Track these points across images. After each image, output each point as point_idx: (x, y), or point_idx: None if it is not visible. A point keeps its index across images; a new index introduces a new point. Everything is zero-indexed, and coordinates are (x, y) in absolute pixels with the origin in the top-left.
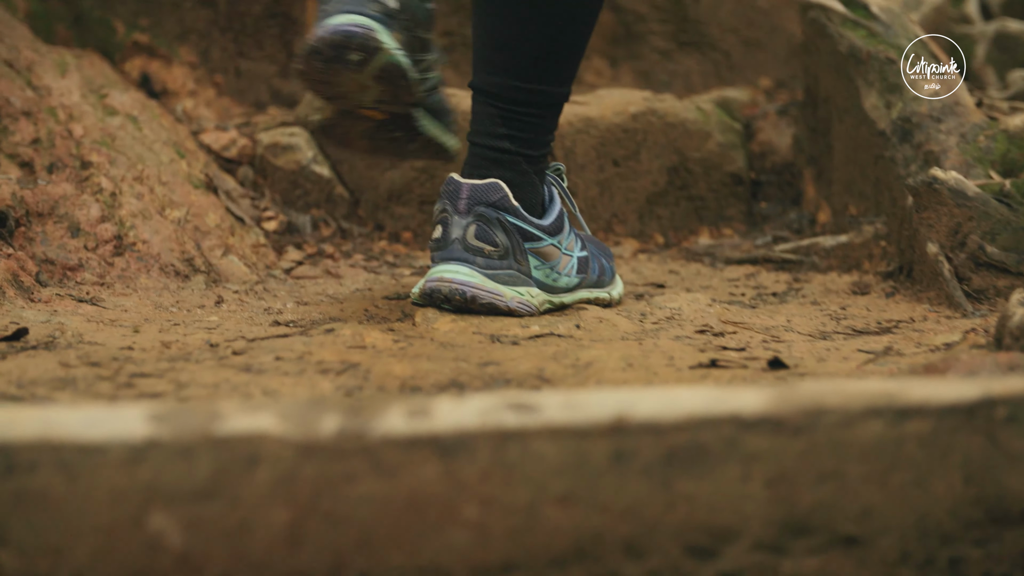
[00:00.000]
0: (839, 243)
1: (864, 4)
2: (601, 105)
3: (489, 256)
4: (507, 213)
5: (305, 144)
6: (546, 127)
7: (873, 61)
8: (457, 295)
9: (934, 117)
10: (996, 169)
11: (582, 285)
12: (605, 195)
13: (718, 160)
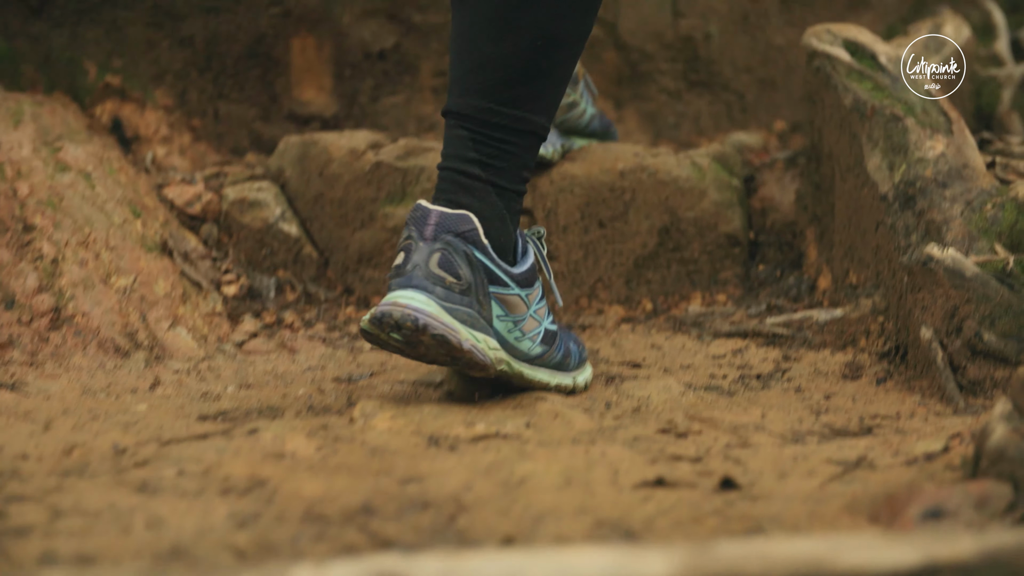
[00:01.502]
0: (833, 317)
1: (872, 54)
2: (587, 162)
3: (450, 288)
4: (475, 248)
5: (273, 200)
6: (519, 159)
7: (878, 117)
8: (409, 321)
9: (939, 182)
10: (1003, 241)
11: (544, 360)
12: (590, 258)
13: (713, 220)
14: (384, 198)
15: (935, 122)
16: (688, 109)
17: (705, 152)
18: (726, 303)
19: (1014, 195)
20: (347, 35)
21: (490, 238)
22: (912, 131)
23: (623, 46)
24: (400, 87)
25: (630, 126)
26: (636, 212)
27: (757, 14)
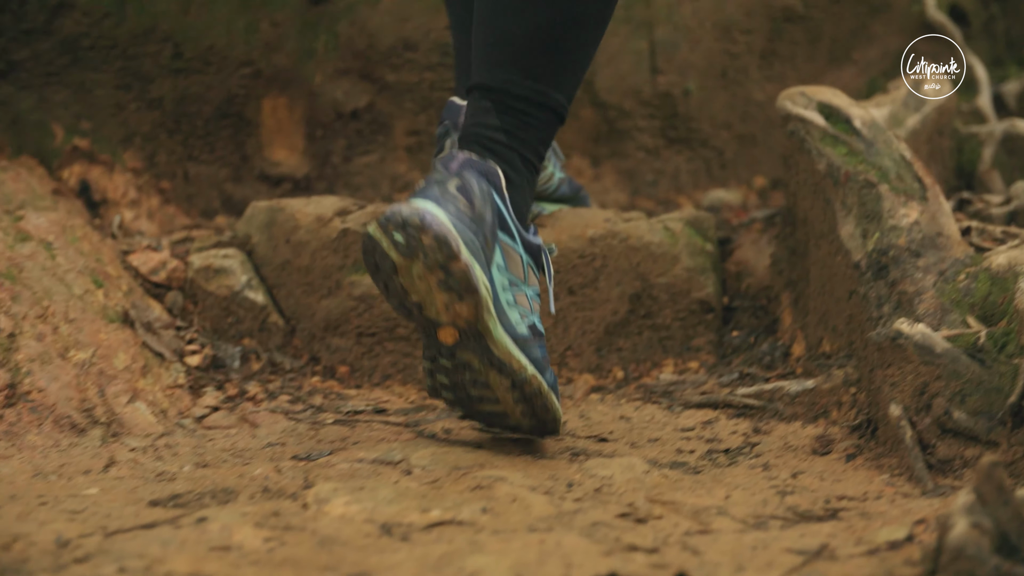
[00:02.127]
0: (805, 389)
1: (847, 118)
2: (556, 228)
3: (462, 211)
4: (495, 191)
5: (239, 267)
6: (539, 132)
7: (852, 183)
8: (416, 217)
9: (913, 251)
10: (975, 314)
11: (524, 346)
12: (559, 326)
13: (686, 286)
14: (351, 266)
15: (909, 188)
16: (666, 166)
17: (678, 216)
18: (698, 370)
19: (987, 265)
20: (319, 95)
21: (512, 196)
22: (886, 198)
23: (600, 103)
24: (373, 147)
25: (607, 183)
26: (607, 279)
27: (736, 69)
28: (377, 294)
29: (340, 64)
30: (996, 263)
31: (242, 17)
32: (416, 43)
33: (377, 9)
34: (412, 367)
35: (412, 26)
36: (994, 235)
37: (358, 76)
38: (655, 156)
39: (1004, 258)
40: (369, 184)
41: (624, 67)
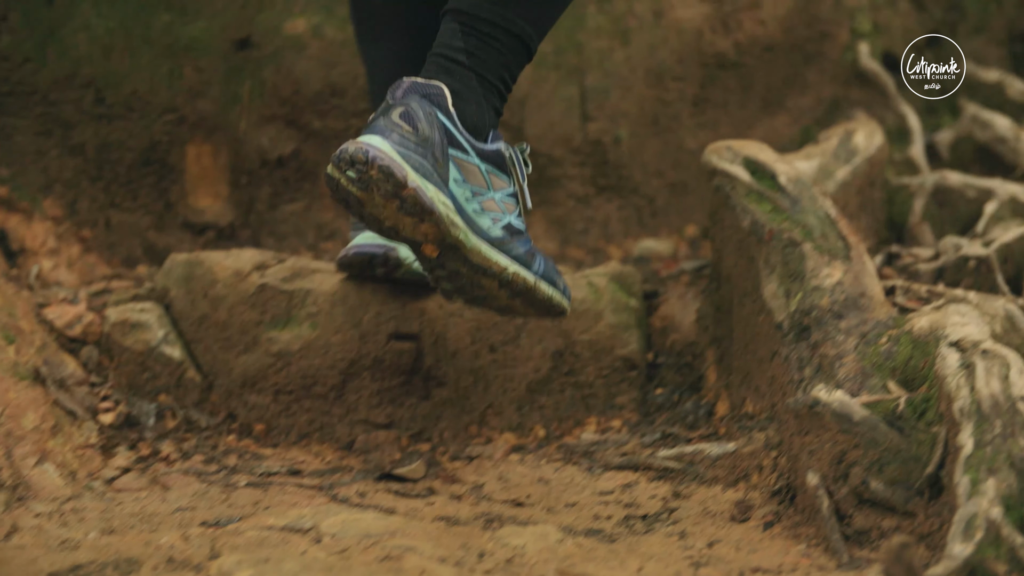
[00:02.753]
0: (726, 452)
1: (772, 174)
2: None
3: (405, 136)
4: (439, 110)
5: (156, 322)
6: (503, 58)
7: (775, 242)
8: (360, 153)
9: (835, 312)
10: (897, 378)
11: (503, 246)
12: (480, 384)
13: (609, 343)
14: (268, 322)
15: (833, 247)
16: (597, 214)
17: (603, 272)
18: (621, 429)
19: (909, 328)
20: (244, 141)
21: (460, 112)
22: (809, 257)
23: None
24: (299, 194)
25: (537, 232)
26: (528, 336)
27: (668, 117)
28: (295, 350)
29: (265, 110)
30: (918, 326)
31: (165, 63)
32: (343, 89)
33: (303, 55)
34: (330, 425)
35: (339, 72)
36: (919, 294)
37: (284, 123)
38: (585, 204)
39: (926, 321)
40: (295, 232)
41: (554, 114)
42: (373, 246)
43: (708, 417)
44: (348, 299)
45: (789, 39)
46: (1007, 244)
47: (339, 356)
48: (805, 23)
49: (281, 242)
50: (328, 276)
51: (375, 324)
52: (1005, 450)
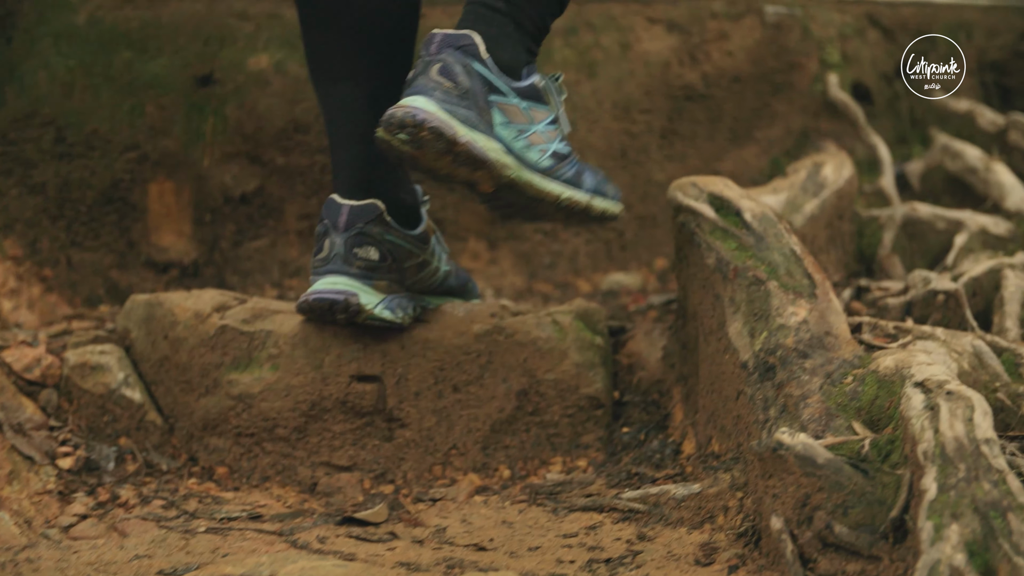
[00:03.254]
0: (692, 493)
1: (737, 210)
2: (440, 324)
3: (448, 91)
4: (474, 59)
5: (116, 364)
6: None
7: (740, 279)
8: (408, 117)
9: (800, 351)
10: (862, 418)
11: (554, 173)
12: (443, 425)
13: (574, 382)
14: (229, 364)
15: (799, 285)
16: (565, 248)
17: (568, 309)
18: (587, 469)
19: (875, 368)
20: (207, 178)
21: (495, 56)
22: (774, 296)
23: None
24: (264, 231)
25: (505, 267)
26: (493, 375)
27: (636, 149)
28: (257, 393)
29: (229, 147)
30: (884, 365)
31: (126, 100)
32: (307, 125)
33: (266, 91)
34: (292, 468)
35: (302, 108)
36: (886, 331)
37: (247, 159)
38: (553, 238)
39: (892, 360)
40: (259, 269)
41: None
42: (333, 292)
43: (675, 456)
44: (309, 340)
45: (758, 70)
46: (976, 278)
47: (301, 398)
48: (773, 54)
49: (245, 279)
50: (289, 317)
51: (337, 365)
52: (969, 494)
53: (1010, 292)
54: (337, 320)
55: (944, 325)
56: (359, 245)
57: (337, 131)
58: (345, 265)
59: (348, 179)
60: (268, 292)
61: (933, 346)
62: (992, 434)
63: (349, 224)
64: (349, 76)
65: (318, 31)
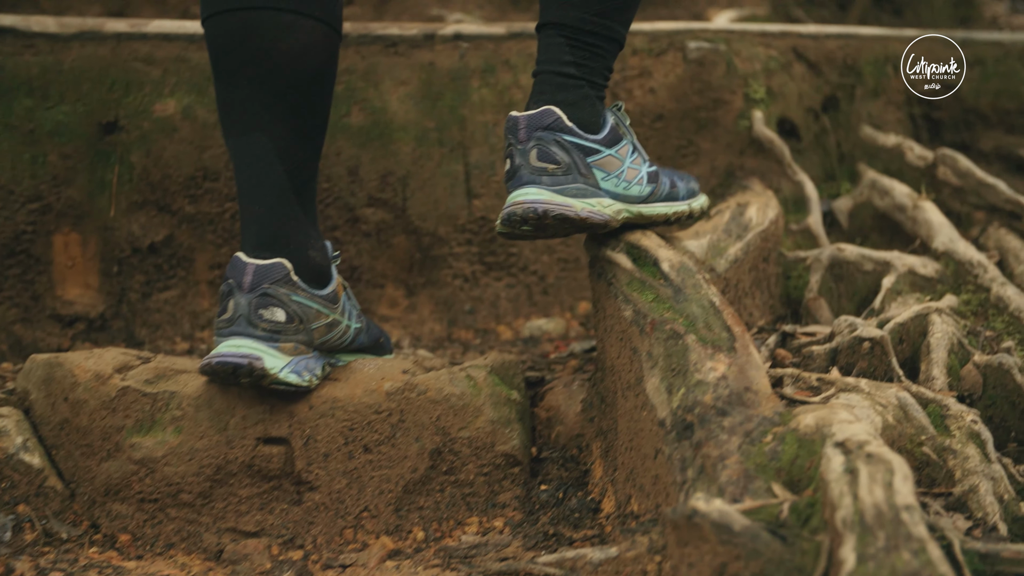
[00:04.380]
0: (608, 557)
1: (655, 260)
2: (350, 383)
3: (553, 174)
4: (563, 133)
5: (15, 428)
6: (605, 61)
7: (658, 333)
8: (531, 213)
9: (718, 409)
10: (782, 479)
11: (655, 196)
12: (354, 487)
13: (489, 439)
14: (132, 426)
15: (718, 339)
16: (485, 293)
17: (482, 363)
18: (504, 530)
19: (795, 426)
20: (114, 229)
21: (577, 120)
22: (693, 350)
23: (413, 230)
24: (173, 282)
25: (424, 314)
26: (405, 434)
27: None
28: (160, 456)
29: (135, 196)
30: (804, 423)
31: (27, 150)
32: (216, 172)
33: (173, 138)
34: (197, 535)
35: (211, 155)
36: (809, 383)
37: (155, 208)
38: (473, 283)
39: (812, 418)
40: (169, 321)
41: (438, 192)
42: (236, 356)
43: (594, 515)
44: (214, 402)
45: (681, 107)
46: (902, 324)
47: (205, 462)
48: (697, 90)
49: (155, 332)
50: (194, 377)
51: (242, 427)
52: (888, 565)
53: (937, 339)
54: (241, 383)
55: (870, 373)
56: (264, 306)
57: (246, 185)
58: (250, 327)
59: (255, 236)
60: (179, 345)
61: (857, 399)
62: (913, 500)
63: (254, 284)
64: (261, 128)
65: (231, 81)
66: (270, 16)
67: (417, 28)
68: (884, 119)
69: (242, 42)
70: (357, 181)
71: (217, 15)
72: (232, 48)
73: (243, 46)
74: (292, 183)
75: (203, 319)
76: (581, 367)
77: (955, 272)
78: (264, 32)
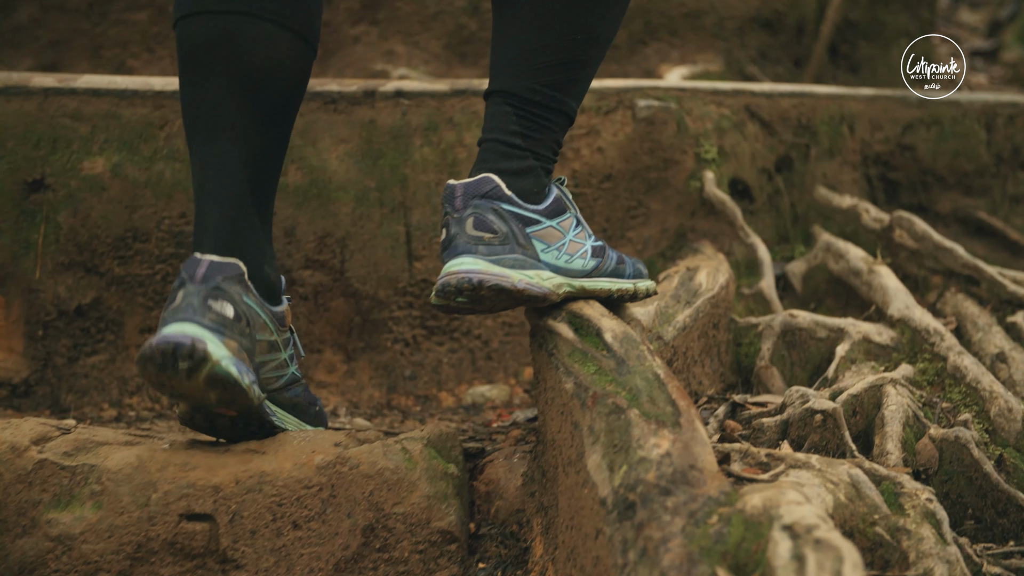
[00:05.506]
0: None
1: (597, 330)
2: (279, 455)
3: (490, 243)
4: (501, 201)
5: None
6: (554, 134)
7: (600, 407)
8: (465, 283)
9: (662, 488)
10: (727, 563)
11: (600, 271)
12: (282, 565)
13: (425, 515)
14: (49, 501)
15: (662, 413)
16: (426, 359)
17: (419, 435)
18: None
19: (741, 507)
20: (40, 291)
21: (518, 189)
22: (635, 425)
23: (353, 293)
24: (102, 346)
25: (363, 379)
26: (336, 510)
27: None
28: (78, 533)
29: (62, 257)
30: (751, 504)
31: None
32: (147, 233)
33: (102, 197)
34: None
35: (141, 215)
36: (758, 458)
37: (83, 269)
38: (414, 348)
39: (759, 499)
40: (97, 387)
41: (378, 254)
42: (180, 336)
43: None
44: (135, 476)
45: (630, 167)
46: (856, 395)
47: (125, 539)
48: (647, 150)
49: (82, 398)
50: (115, 450)
51: (164, 503)
52: None
53: (891, 411)
54: (179, 369)
55: (822, 447)
56: (215, 299)
57: (208, 187)
58: (197, 315)
59: (212, 239)
60: (106, 411)
61: (807, 476)
62: None
63: (207, 277)
64: (229, 135)
65: (202, 84)
66: (248, 23)
67: (357, 85)
68: (840, 180)
69: (217, 46)
70: (294, 242)
71: (193, 15)
72: (206, 51)
73: (218, 50)
74: (253, 194)
75: (132, 385)
76: (523, 437)
77: (911, 340)
78: (241, 39)
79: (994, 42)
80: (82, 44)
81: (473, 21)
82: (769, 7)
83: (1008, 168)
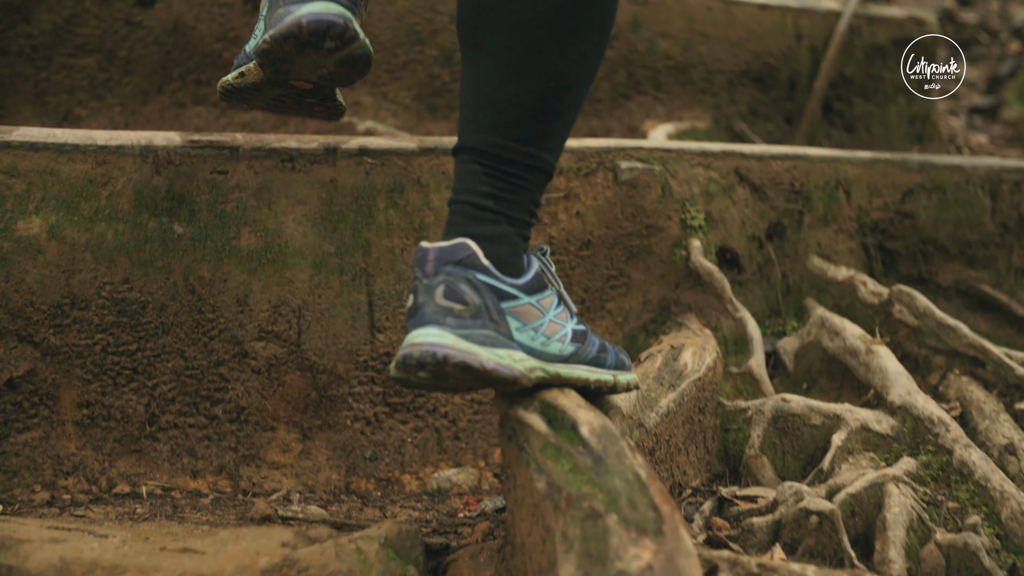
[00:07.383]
0: None
1: (573, 423)
2: (220, 557)
3: (460, 315)
4: (476, 271)
5: None
6: (529, 193)
7: (574, 511)
8: (428, 357)
9: None
10: None
11: (579, 357)
12: None
13: None
14: None
15: (643, 519)
16: (388, 438)
17: (375, 534)
18: None
19: None
20: None
21: (495, 258)
22: (614, 533)
23: (309, 367)
24: (35, 421)
25: (319, 460)
26: None
27: None
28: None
29: None
30: None
31: None
32: (87, 300)
33: (37, 261)
34: None
35: (81, 280)
36: (749, 569)
37: (15, 338)
38: (376, 427)
39: None
40: (29, 466)
41: (338, 324)
42: (332, 15)
43: None
44: None
45: (611, 233)
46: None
47: None
48: (629, 215)
49: (11, 479)
50: (38, 548)
51: None
52: None
53: (894, 514)
54: (326, 48)
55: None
56: None
57: None
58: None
59: None
60: (38, 494)
61: None
62: None
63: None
64: None
65: None
66: None
67: (318, 141)
68: (835, 249)
69: None
70: (246, 311)
71: None
72: None
73: None
74: None
75: (67, 464)
76: (492, 531)
77: (913, 430)
78: None
79: (994, 99)
80: (26, 89)
81: (445, 71)
82: (760, 60)
83: (1014, 238)
